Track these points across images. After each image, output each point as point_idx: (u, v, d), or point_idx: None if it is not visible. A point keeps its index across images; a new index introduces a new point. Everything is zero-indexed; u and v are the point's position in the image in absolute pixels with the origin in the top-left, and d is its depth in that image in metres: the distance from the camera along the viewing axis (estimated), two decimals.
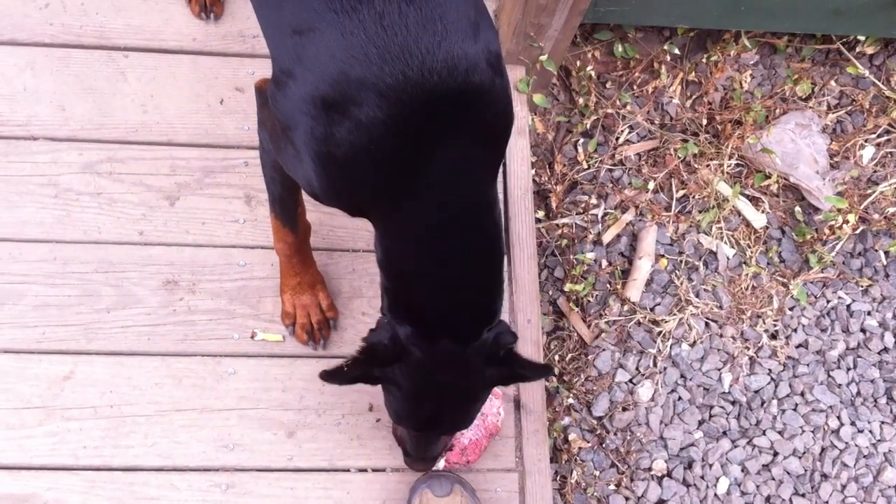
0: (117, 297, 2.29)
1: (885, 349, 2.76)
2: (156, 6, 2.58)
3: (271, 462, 2.21)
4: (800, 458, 2.60)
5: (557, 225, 2.76)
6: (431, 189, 1.56)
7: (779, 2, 2.67)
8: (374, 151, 1.51)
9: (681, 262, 2.75)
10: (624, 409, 2.58)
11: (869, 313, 2.79)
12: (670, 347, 2.64)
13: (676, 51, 2.92)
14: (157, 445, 2.18)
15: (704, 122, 2.90)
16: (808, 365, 2.70)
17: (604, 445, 2.56)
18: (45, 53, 2.49)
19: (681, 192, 2.82)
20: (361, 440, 2.25)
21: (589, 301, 2.69)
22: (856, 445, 2.64)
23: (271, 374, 2.28)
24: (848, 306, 2.79)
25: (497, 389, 2.22)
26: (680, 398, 2.61)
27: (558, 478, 2.52)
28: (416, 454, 2.00)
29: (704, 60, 2.95)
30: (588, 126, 2.85)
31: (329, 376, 1.69)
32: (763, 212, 2.83)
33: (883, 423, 2.68)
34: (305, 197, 2.13)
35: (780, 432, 2.62)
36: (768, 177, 2.84)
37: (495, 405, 2.24)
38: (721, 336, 2.68)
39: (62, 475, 2.14)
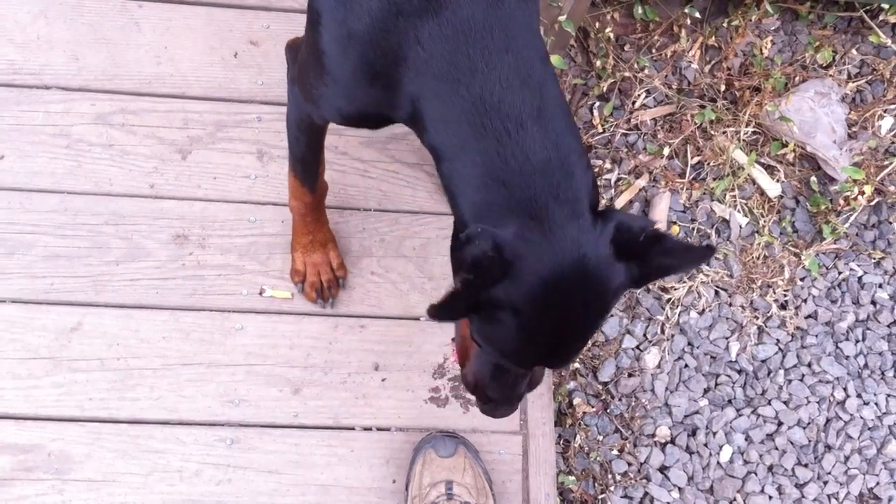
0: (127, 249, 2.30)
1: (895, 322, 2.75)
2: None
3: (276, 418, 2.22)
4: (804, 428, 2.60)
5: None
6: (466, 37, 1.42)
7: None
8: (394, 12, 1.45)
9: (693, 229, 2.73)
10: (630, 375, 2.58)
11: (880, 286, 2.78)
12: (678, 315, 2.64)
13: (697, 14, 2.88)
14: (163, 399, 2.20)
15: (723, 87, 2.87)
16: (816, 336, 2.69)
17: (608, 410, 2.56)
18: (59, 1, 2.48)
19: (696, 159, 2.80)
20: (367, 399, 2.26)
21: None
22: (861, 418, 2.64)
23: (279, 331, 2.29)
24: (859, 278, 2.78)
25: None
26: (686, 366, 2.61)
27: (562, 441, 2.52)
28: (506, 395, 1.62)
29: (725, 25, 2.91)
30: (605, 89, 2.82)
31: (439, 311, 1.32)
32: (778, 181, 2.81)
33: (889, 396, 2.67)
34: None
35: (785, 402, 2.61)
36: (785, 145, 2.82)
37: None
38: (730, 305, 2.67)
39: (68, 426, 2.15)
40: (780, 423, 2.59)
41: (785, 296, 2.71)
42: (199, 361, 2.23)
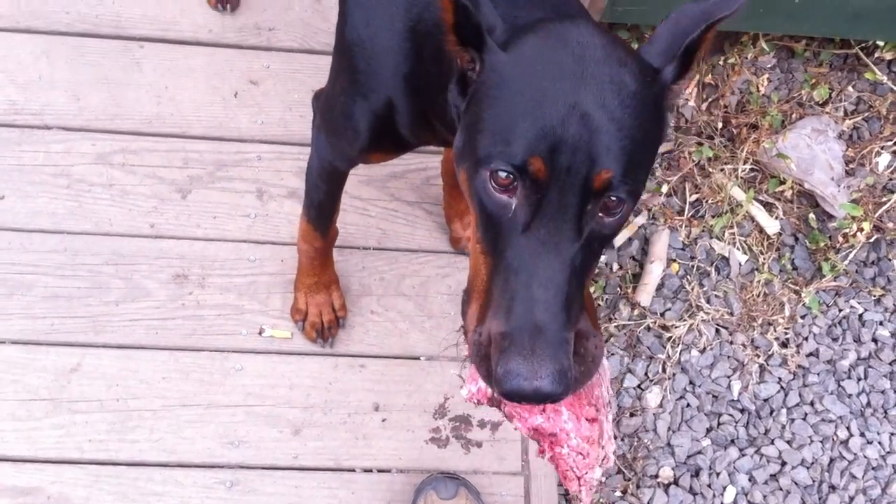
0: (127, 289, 2.29)
1: None
2: None
3: (276, 460, 2.21)
4: (808, 468, 2.58)
5: None
6: None
7: (798, 4, 2.65)
8: None
9: (692, 267, 2.73)
10: (632, 415, 2.57)
11: (881, 323, 2.77)
12: (680, 353, 2.63)
13: None
14: (162, 440, 2.18)
15: (720, 125, 2.88)
16: (818, 374, 2.68)
17: None
18: (61, 42, 2.49)
19: (694, 196, 2.80)
20: (367, 440, 2.25)
21: (599, 304, 2.67)
22: (864, 457, 2.62)
23: (278, 371, 2.28)
24: (860, 316, 2.77)
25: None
26: (688, 405, 2.59)
27: None
28: (532, 298, 1.10)
29: (721, 63, 2.92)
30: None
31: None
32: (777, 218, 2.81)
33: (892, 434, 2.66)
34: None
35: (788, 442, 2.60)
36: (783, 182, 2.83)
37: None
38: (731, 343, 2.67)
39: (67, 468, 2.13)
40: (783, 463, 2.58)
41: (786, 334, 2.71)
42: (198, 402, 2.22)
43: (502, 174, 1.14)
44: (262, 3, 2.61)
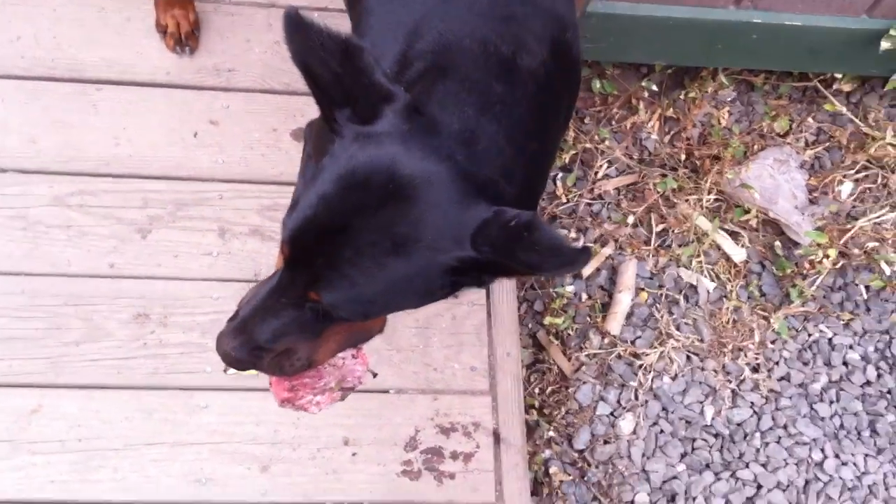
0: (87, 329, 2.24)
1: (868, 382, 2.73)
2: (130, 40, 2.56)
3: (244, 497, 2.15)
4: (784, 490, 2.55)
5: None
6: None
7: (755, 41, 2.68)
8: None
9: (661, 295, 2.72)
10: (605, 442, 2.53)
11: (851, 347, 2.76)
12: (651, 380, 2.60)
13: (654, 87, 2.92)
14: (126, 480, 2.12)
15: (683, 157, 2.89)
16: (790, 398, 2.66)
17: (585, 479, 2.50)
18: (16, 86, 2.47)
19: (660, 227, 2.80)
20: (337, 474, 2.20)
21: (569, 334, 2.65)
22: (840, 478, 2.59)
23: (244, 408, 2.23)
24: (829, 340, 2.77)
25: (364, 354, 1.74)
26: (662, 431, 2.56)
27: None
28: (248, 320, 1.47)
29: (682, 97, 2.95)
30: (566, 160, 2.83)
31: (297, 24, 1.23)
32: (743, 246, 2.81)
33: (867, 455, 2.64)
34: None
35: (763, 465, 2.57)
36: (747, 211, 2.83)
37: (357, 371, 1.76)
38: (703, 369, 2.65)
39: None
40: (759, 486, 2.55)
41: (756, 359, 2.69)
42: (162, 441, 2.16)
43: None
44: (221, 45, 2.60)
